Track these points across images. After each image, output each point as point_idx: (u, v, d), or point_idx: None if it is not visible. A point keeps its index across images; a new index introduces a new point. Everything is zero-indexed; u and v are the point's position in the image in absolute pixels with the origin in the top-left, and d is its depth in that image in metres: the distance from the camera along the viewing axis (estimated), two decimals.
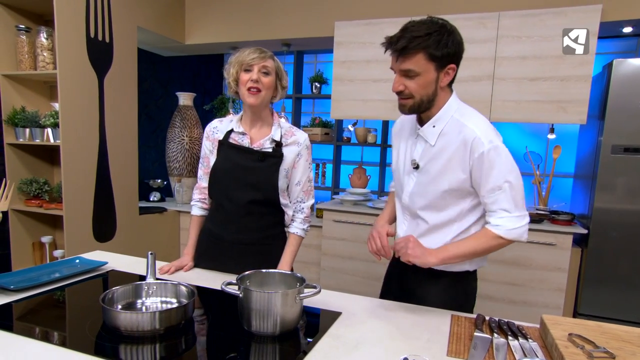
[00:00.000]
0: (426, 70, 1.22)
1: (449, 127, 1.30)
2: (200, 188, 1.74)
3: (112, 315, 1.06)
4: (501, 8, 2.94)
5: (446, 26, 1.23)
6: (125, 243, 3.20)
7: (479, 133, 1.25)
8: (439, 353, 1.04)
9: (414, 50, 1.20)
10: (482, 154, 1.24)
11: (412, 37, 1.19)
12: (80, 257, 1.65)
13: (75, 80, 2.74)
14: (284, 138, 1.61)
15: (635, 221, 2.64)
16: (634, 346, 1.00)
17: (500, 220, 1.27)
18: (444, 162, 1.30)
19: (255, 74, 1.50)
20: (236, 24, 3.73)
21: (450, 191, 1.31)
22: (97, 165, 2.94)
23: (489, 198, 1.28)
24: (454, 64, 1.26)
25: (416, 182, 1.37)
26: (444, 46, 1.20)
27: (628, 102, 2.60)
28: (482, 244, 1.28)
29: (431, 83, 1.25)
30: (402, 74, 1.25)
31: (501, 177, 1.25)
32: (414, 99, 1.27)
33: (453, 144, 1.29)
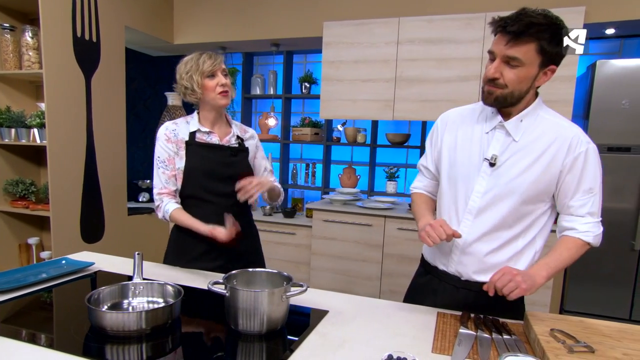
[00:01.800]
0: (532, 62, 1.14)
1: (539, 123, 1.23)
2: (170, 192, 1.66)
3: (97, 315, 1.06)
4: (488, 9, 2.97)
5: (562, 25, 1.14)
6: (114, 244, 3.18)
7: (578, 132, 1.21)
8: (424, 350, 1.05)
9: (529, 38, 1.11)
10: (582, 153, 1.19)
11: (530, 23, 1.09)
12: (66, 258, 1.64)
13: (61, 80, 2.71)
14: (241, 133, 1.77)
15: (619, 219, 2.69)
16: (613, 340, 1.02)
17: (586, 227, 1.22)
18: (532, 159, 1.21)
19: (223, 79, 1.62)
20: (225, 24, 3.72)
21: (530, 191, 1.22)
22: (84, 165, 2.92)
23: (579, 201, 1.21)
24: (555, 66, 1.18)
25: (490, 180, 1.25)
26: (557, 43, 1.13)
27: (611, 102, 2.65)
28: (573, 254, 1.22)
29: (529, 78, 1.17)
30: (504, 60, 1.15)
31: (596, 179, 1.22)
32: (506, 89, 1.17)
33: (545, 140, 1.21)
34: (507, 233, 1.26)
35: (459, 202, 1.31)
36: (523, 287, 1.08)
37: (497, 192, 1.24)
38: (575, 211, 1.23)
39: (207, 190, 1.65)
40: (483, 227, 1.27)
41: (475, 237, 1.28)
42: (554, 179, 1.21)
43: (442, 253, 1.37)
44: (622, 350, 0.97)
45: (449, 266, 1.35)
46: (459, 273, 1.33)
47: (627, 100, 2.62)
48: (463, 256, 1.31)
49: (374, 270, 3.18)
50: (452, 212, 1.33)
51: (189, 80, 1.60)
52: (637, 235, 2.64)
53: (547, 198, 1.25)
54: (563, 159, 1.19)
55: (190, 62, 1.61)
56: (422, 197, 1.48)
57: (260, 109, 4.31)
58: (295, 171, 4.10)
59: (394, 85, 3.16)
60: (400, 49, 3.12)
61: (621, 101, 2.64)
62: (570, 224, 1.24)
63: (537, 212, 1.25)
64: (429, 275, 1.43)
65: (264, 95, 4.07)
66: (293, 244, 3.41)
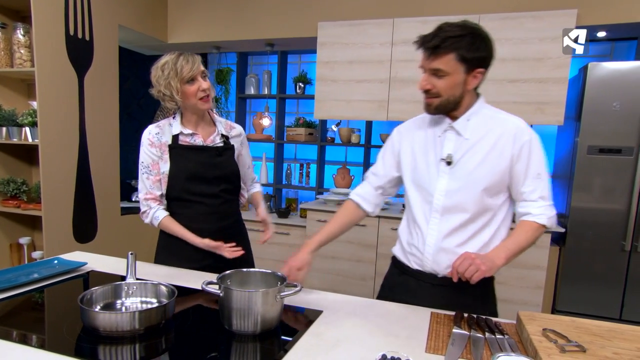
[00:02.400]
0: (455, 71, 1.23)
1: (484, 121, 1.32)
2: (156, 197, 1.64)
3: (90, 315, 1.05)
4: (481, 11, 2.99)
5: (479, 30, 1.24)
6: (107, 244, 3.16)
7: (520, 124, 1.31)
8: (418, 349, 1.06)
9: (446, 50, 1.21)
10: (526, 142, 1.28)
11: (445, 37, 1.20)
12: (58, 258, 1.62)
13: (53, 79, 2.69)
14: (226, 131, 1.75)
15: (610, 220, 2.72)
16: (604, 339, 1.03)
17: (540, 210, 1.30)
18: (483, 153, 1.30)
19: (204, 83, 1.58)
20: (219, 24, 3.71)
21: (487, 183, 1.30)
22: (77, 165, 2.90)
23: (529, 186, 1.30)
24: (482, 68, 1.26)
25: (450, 178, 1.32)
26: (475, 49, 1.21)
27: (602, 104, 2.68)
28: (529, 237, 1.29)
29: (459, 84, 1.25)
30: (431, 73, 1.25)
31: (541, 165, 1.31)
32: (441, 98, 1.27)
33: (492, 135, 1.30)
34: (473, 226, 1.33)
35: (425, 203, 1.38)
36: (483, 269, 1.16)
37: (458, 188, 1.32)
38: (528, 196, 1.31)
39: (193, 193, 1.64)
40: (451, 223, 1.34)
41: (446, 233, 1.35)
42: (507, 169, 1.30)
43: (416, 253, 1.41)
44: (612, 350, 0.98)
45: (424, 265, 1.39)
46: (435, 271, 1.38)
47: (618, 102, 2.65)
48: (437, 254, 1.36)
49: (368, 270, 3.19)
50: (420, 214, 1.39)
51: (167, 87, 1.53)
52: (628, 235, 2.67)
53: (504, 188, 1.33)
54: (511, 149, 1.28)
55: (167, 67, 1.53)
56: (348, 207, 1.55)
57: (255, 109, 4.30)
58: (289, 171, 4.10)
59: (388, 86, 3.17)
60: (395, 50, 3.13)
61: (612, 103, 2.66)
62: (525, 209, 1.32)
63: (497, 203, 1.34)
64: (404, 275, 1.46)
65: (258, 95, 4.07)
66: (287, 244, 3.40)
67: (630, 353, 0.97)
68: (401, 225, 1.51)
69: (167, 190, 1.65)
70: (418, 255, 1.40)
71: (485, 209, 1.32)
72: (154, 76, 1.57)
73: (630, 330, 1.10)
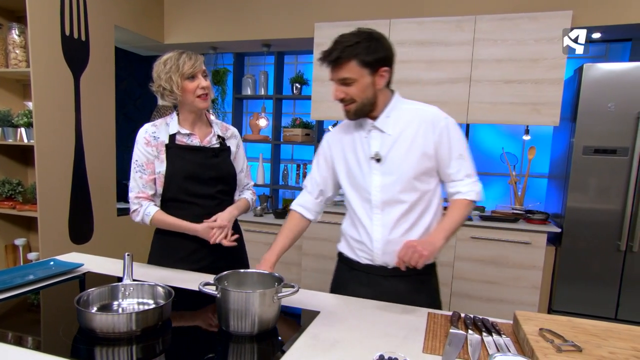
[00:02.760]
0: (361, 75, 1.31)
1: (403, 114, 1.40)
2: (147, 197, 1.64)
3: (87, 317, 1.05)
4: (478, 12, 3.00)
5: (373, 34, 1.32)
6: (103, 245, 3.15)
7: (435, 111, 1.41)
8: (415, 350, 1.06)
9: (347, 59, 1.29)
10: (444, 127, 1.37)
11: (343, 47, 1.29)
12: (54, 259, 1.62)
13: (49, 79, 2.68)
14: (222, 132, 1.74)
15: (605, 220, 2.73)
16: (600, 339, 1.04)
17: (467, 187, 1.41)
18: (407, 145, 1.38)
19: (204, 81, 1.58)
20: (216, 24, 3.71)
21: (418, 172, 1.38)
22: (73, 165, 2.89)
23: (454, 167, 1.40)
24: (386, 67, 1.34)
25: (382, 174, 1.40)
26: (373, 51, 1.29)
27: (597, 104, 2.69)
28: (462, 214, 1.39)
29: (368, 87, 1.33)
30: (340, 83, 1.34)
31: (462, 146, 1.41)
32: (356, 103, 1.35)
33: (412, 126, 1.38)
34: (413, 214, 1.41)
35: (364, 201, 1.45)
36: (425, 254, 1.23)
37: (391, 181, 1.39)
38: (455, 176, 1.41)
39: (189, 193, 1.63)
40: (392, 215, 1.41)
41: (390, 226, 1.41)
42: (432, 155, 1.38)
43: (364, 249, 1.46)
44: (608, 349, 0.99)
45: (375, 260, 1.45)
46: (386, 263, 1.43)
47: (613, 103, 2.67)
48: (385, 247, 1.41)
49: None
50: (362, 212, 1.45)
51: (167, 81, 1.55)
52: (623, 235, 2.68)
53: (434, 173, 1.43)
54: (431, 136, 1.37)
55: (169, 62, 1.54)
56: (292, 218, 1.59)
57: (251, 110, 4.30)
58: (286, 172, 4.09)
59: None
60: None
61: (607, 104, 2.68)
62: (454, 189, 1.43)
63: (430, 187, 1.42)
64: (355, 271, 1.51)
65: (254, 95, 4.07)
66: None
67: (626, 352, 0.98)
68: (345, 224, 1.56)
69: (163, 190, 1.64)
70: (367, 250, 1.45)
71: (421, 196, 1.41)
72: (155, 70, 1.58)
73: (626, 330, 1.10)
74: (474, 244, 2.91)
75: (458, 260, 2.96)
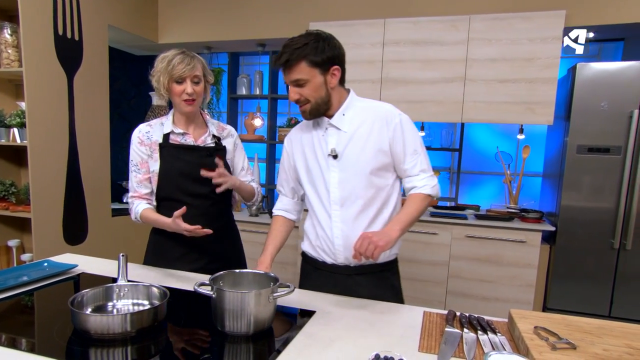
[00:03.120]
0: (312, 75, 1.34)
1: (358, 112, 1.43)
2: (141, 196, 1.65)
3: (81, 318, 1.04)
4: (472, 11, 3.01)
5: (321, 34, 1.36)
6: (98, 246, 3.13)
7: (389, 108, 1.43)
8: (411, 349, 1.06)
9: (296, 61, 1.33)
10: (397, 124, 1.40)
11: (292, 50, 1.32)
12: (48, 261, 1.61)
13: (42, 79, 2.66)
14: (218, 132, 1.73)
15: (599, 218, 2.75)
16: (593, 336, 1.05)
17: (423, 182, 1.43)
18: (363, 142, 1.40)
19: (189, 87, 1.55)
20: (211, 24, 3.70)
21: (374, 167, 1.40)
22: (67, 166, 2.87)
23: (410, 163, 1.42)
24: (337, 66, 1.37)
25: (339, 170, 1.42)
26: (322, 51, 1.33)
27: (591, 104, 2.71)
28: (417, 207, 1.40)
29: (321, 86, 1.37)
30: (294, 85, 1.37)
31: (417, 141, 1.43)
32: (311, 103, 1.38)
33: (367, 124, 1.41)
34: (372, 209, 1.43)
35: (323, 199, 1.47)
36: (380, 245, 1.24)
37: (348, 177, 1.42)
38: (411, 172, 1.44)
39: (183, 192, 1.63)
40: (351, 212, 1.43)
41: (350, 222, 1.43)
42: (387, 151, 1.41)
43: (326, 249, 1.48)
44: (602, 346, 1.00)
45: (337, 258, 1.47)
46: (348, 261, 1.45)
47: (606, 102, 2.69)
48: (346, 243, 1.43)
49: None
50: (322, 210, 1.47)
51: (157, 81, 1.57)
52: (616, 233, 2.70)
53: (390, 168, 1.45)
54: (386, 133, 1.40)
55: (163, 62, 1.55)
56: (277, 222, 1.62)
57: (246, 109, 4.29)
58: None
59: (380, 86, 3.18)
60: (386, 50, 3.14)
61: (600, 103, 2.70)
62: (410, 184, 1.45)
63: (388, 183, 1.45)
64: (319, 270, 1.53)
65: (249, 95, 4.06)
66: None
67: (619, 349, 0.98)
68: (306, 223, 1.58)
69: (157, 189, 1.64)
70: (329, 250, 1.47)
71: (378, 191, 1.43)
72: (154, 67, 1.59)
73: (619, 327, 1.11)
74: (469, 243, 2.92)
75: (453, 259, 2.97)
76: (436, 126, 3.64)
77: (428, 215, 3.03)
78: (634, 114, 2.62)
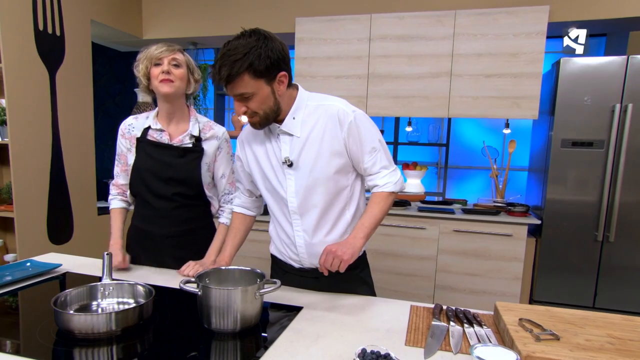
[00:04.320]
0: (258, 87, 1.21)
1: (309, 113, 1.33)
2: (118, 185, 1.73)
3: (64, 318, 1.03)
4: (457, 7, 3.02)
5: (260, 38, 1.20)
6: (84, 245, 3.09)
7: (341, 105, 1.32)
8: (398, 343, 1.07)
9: (239, 74, 1.18)
10: (351, 122, 1.30)
11: (232, 63, 1.17)
12: (31, 260, 1.58)
13: (23, 75, 2.61)
14: (202, 132, 1.65)
15: (583, 211, 2.79)
16: (577, 327, 1.06)
17: (384, 179, 1.36)
18: (317, 146, 1.32)
19: (166, 66, 1.52)
20: (196, 19, 3.66)
21: (332, 171, 1.33)
22: (50, 164, 2.82)
23: (369, 162, 1.35)
24: (283, 71, 1.25)
25: (296, 178, 1.35)
26: (265, 59, 1.18)
27: (574, 98, 2.74)
28: (381, 208, 1.35)
29: (268, 97, 1.24)
30: (238, 99, 1.24)
31: (374, 137, 1.35)
32: (259, 114, 1.27)
33: (320, 125, 1.31)
34: (333, 212, 1.38)
35: (282, 207, 1.41)
36: (346, 258, 1.20)
37: (306, 185, 1.34)
38: (371, 170, 1.37)
39: (148, 190, 1.62)
40: (312, 218, 1.38)
41: (311, 230, 1.38)
42: (344, 152, 1.33)
43: (292, 255, 1.45)
44: (584, 337, 1.01)
45: (303, 263, 1.44)
46: (314, 265, 1.42)
47: (589, 96, 2.72)
48: (311, 251, 1.40)
49: None
50: (282, 217, 1.43)
51: (138, 70, 1.56)
52: (600, 226, 2.75)
53: (350, 168, 1.37)
54: (340, 133, 1.31)
55: (144, 51, 1.56)
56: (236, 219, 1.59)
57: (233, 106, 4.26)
58: None
59: (367, 81, 3.18)
60: (373, 46, 3.14)
61: (584, 97, 2.73)
62: (372, 182, 1.38)
63: (349, 183, 1.38)
64: (288, 273, 1.50)
65: None
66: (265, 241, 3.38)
67: (602, 339, 1.00)
68: (270, 227, 1.54)
69: (129, 184, 1.67)
70: (294, 256, 1.45)
71: (338, 194, 1.37)
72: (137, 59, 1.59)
73: (602, 318, 1.13)
74: (456, 237, 2.95)
75: (441, 253, 2.99)
76: (423, 121, 3.66)
77: (416, 210, 3.05)
78: (616, 108, 2.66)
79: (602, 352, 0.94)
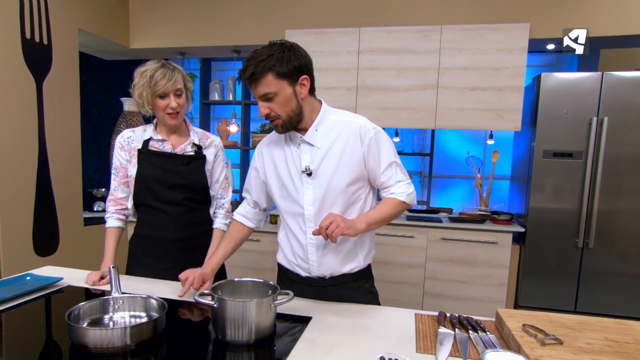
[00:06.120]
0: (281, 88, 1.28)
1: (331, 127, 1.40)
2: (116, 199, 1.73)
3: (79, 332, 1.02)
4: (443, 22, 3.12)
5: (285, 44, 1.30)
6: (70, 256, 3.02)
7: (363, 122, 1.40)
8: (410, 350, 1.10)
9: (262, 73, 1.26)
10: (372, 138, 1.37)
11: (257, 62, 1.25)
12: (30, 274, 1.55)
13: (9, 84, 2.56)
14: (201, 141, 1.74)
15: (564, 219, 2.91)
16: (576, 332, 1.13)
17: (400, 189, 1.42)
18: (337, 158, 1.37)
19: (173, 101, 1.58)
20: (184, 29, 3.65)
21: (349, 183, 1.38)
22: (36, 174, 2.76)
23: (385, 176, 1.41)
24: (306, 75, 1.32)
25: (314, 187, 1.39)
26: (287, 61, 1.26)
27: (554, 111, 2.87)
28: (390, 210, 1.40)
29: (291, 98, 1.31)
30: (263, 99, 1.31)
31: (390, 154, 1.41)
32: (282, 117, 1.33)
33: (341, 139, 1.38)
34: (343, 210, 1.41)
35: (297, 215, 1.44)
36: (342, 226, 1.24)
37: (323, 194, 1.39)
38: (388, 183, 1.43)
39: (156, 198, 1.66)
40: None
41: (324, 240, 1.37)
42: (362, 165, 1.40)
43: (301, 264, 1.47)
44: (585, 340, 1.07)
45: (312, 272, 1.46)
46: (323, 274, 1.45)
47: (567, 109, 2.85)
48: (321, 260, 1.43)
49: None
50: (296, 226, 1.45)
51: (139, 97, 1.58)
52: (580, 233, 2.87)
53: (364, 181, 1.44)
54: (360, 148, 1.38)
55: (144, 77, 1.55)
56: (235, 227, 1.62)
57: (219, 115, 4.26)
58: None
59: (356, 93, 3.25)
60: (361, 58, 3.20)
61: (563, 110, 2.86)
62: (387, 192, 1.45)
63: (362, 194, 1.44)
64: (295, 282, 1.50)
65: (222, 101, 4.03)
66: (257, 251, 3.39)
67: (601, 342, 1.06)
68: (280, 235, 1.55)
69: (133, 195, 1.68)
70: (304, 265, 1.46)
71: (353, 202, 1.42)
72: (134, 79, 1.60)
73: (597, 322, 1.20)
74: (444, 245, 3.02)
75: (429, 261, 3.06)
76: (407, 132, 3.74)
77: (404, 219, 3.11)
78: (593, 121, 2.79)
79: (603, 355, 1.00)
